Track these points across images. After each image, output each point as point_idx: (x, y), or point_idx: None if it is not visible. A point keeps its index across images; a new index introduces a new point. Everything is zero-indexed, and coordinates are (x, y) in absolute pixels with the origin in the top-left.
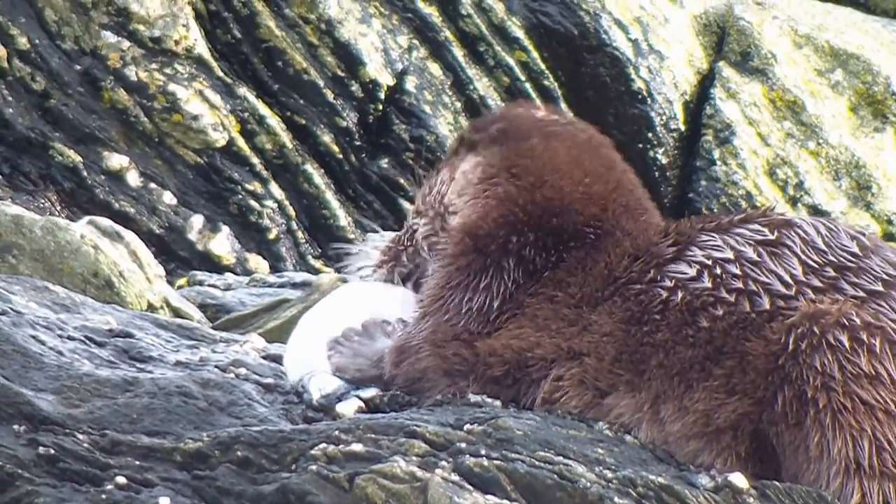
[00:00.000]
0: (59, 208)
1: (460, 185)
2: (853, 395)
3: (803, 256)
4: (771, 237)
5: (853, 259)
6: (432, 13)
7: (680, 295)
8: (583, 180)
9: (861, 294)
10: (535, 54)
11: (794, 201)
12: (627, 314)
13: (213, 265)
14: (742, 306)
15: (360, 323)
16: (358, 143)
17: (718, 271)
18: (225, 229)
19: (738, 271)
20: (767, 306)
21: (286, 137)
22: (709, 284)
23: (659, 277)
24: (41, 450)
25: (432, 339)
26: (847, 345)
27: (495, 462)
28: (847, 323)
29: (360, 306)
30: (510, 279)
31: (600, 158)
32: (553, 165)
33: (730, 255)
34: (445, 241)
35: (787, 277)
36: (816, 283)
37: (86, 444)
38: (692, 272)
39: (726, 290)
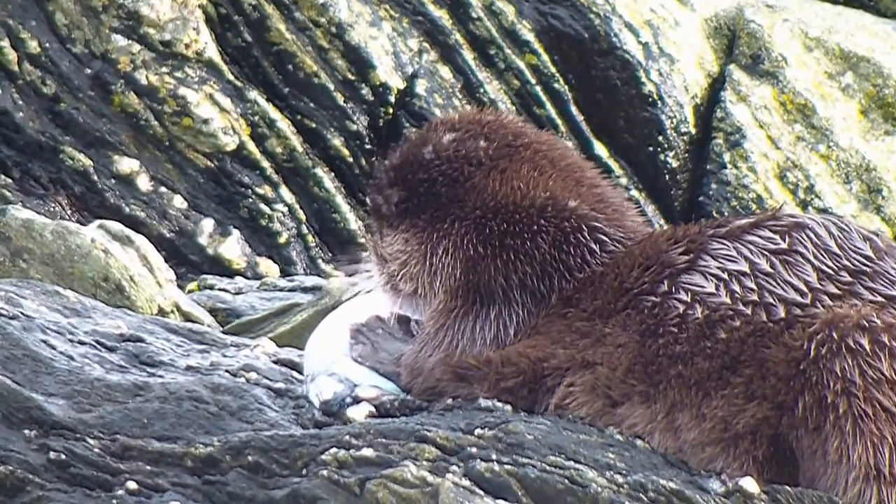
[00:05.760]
0: (69, 212)
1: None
2: (874, 401)
3: (817, 262)
4: (783, 245)
5: (868, 262)
6: (442, 16)
7: (699, 309)
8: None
9: (879, 299)
10: (545, 57)
11: (804, 205)
12: (642, 326)
13: (224, 269)
14: (759, 317)
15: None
16: (368, 146)
17: (735, 286)
18: (235, 233)
19: (753, 285)
20: (783, 315)
21: (296, 141)
22: (727, 299)
23: (673, 289)
24: (52, 455)
25: (446, 360)
26: (868, 348)
27: (506, 467)
28: (868, 325)
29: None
30: (521, 307)
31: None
32: (579, 217)
33: (744, 267)
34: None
35: (802, 286)
36: (832, 289)
37: (96, 449)
38: (710, 286)
39: (743, 304)
